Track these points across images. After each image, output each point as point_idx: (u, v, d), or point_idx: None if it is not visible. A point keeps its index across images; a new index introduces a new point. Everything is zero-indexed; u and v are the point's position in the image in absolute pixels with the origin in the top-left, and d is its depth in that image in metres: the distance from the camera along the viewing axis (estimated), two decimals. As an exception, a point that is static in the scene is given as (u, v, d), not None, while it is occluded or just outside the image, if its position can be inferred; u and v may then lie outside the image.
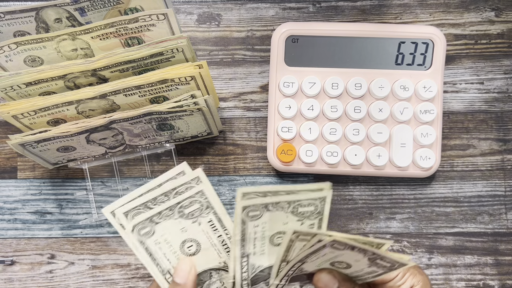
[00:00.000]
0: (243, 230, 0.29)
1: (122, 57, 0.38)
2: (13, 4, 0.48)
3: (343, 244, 0.27)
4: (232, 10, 0.48)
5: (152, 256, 0.31)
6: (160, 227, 0.31)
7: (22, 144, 0.39)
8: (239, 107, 0.48)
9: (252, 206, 0.28)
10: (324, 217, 0.30)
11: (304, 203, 0.29)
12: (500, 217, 0.46)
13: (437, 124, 0.45)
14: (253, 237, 0.30)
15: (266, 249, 0.31)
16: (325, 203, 0.30)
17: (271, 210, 0.29)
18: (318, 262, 0.31)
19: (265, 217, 0.29)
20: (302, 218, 0.30)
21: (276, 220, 0.30)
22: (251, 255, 0.31)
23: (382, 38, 0.44)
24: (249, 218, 0.29)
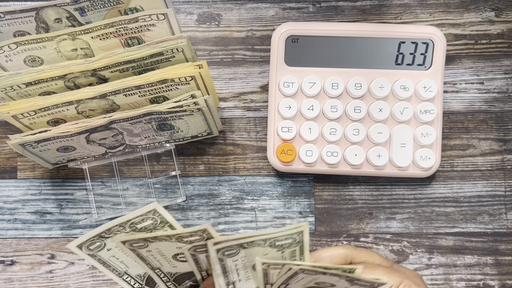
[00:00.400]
0: (223, 265, 0.29)
1: (122, 57, 0.38)
2: (13, 4, 0.48)
3: (313, 271, 0.27)
4: (232, 10, 0.48)
5: (143, 260, 0.31)
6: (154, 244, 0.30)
7: (22, 144, 0.39)
8: (239, 107, 0.48)
9: (227, 247, 0.28)
10: (305, 244, 0.30)
11: (280, 238, 0.29)
12: (500, 217, 0.46)
13: (437, 124, 0.45)
14: (234, 269, 0.30)
15: (250, 274, 0.31)
16: (303, 235, 0.29)
17: (247, 248, 0.29)
18: (301, 283, 0.31)
19: (242, 253, 0.29)
20: (282, 248, 0.30)
21: (255, 253, 0.29)
22: (236, 282, 0.31)
23: (382, 38, 0.44)
24: (226, 256, 0.29)
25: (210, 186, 0.47)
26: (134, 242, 0.30)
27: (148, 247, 0.30)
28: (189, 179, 0.47)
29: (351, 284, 0.28)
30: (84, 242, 0.30)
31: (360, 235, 0.46)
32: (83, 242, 0.30)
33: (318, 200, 0.47)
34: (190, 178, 0.47)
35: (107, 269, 0.31)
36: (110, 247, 0.30)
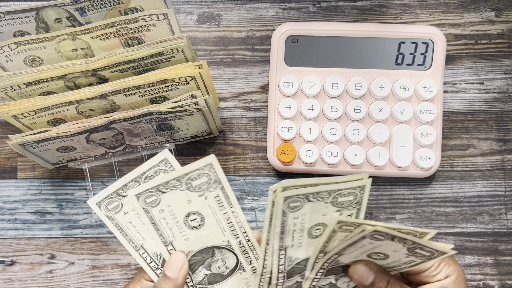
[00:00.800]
0: (283, 222, 0.29)
1: (122, 57, 0.38)
2: (13, 4, 0.48)
3: (383, 235, 0.27)
4: (232, 10, 0.48)
5: (155, 225, 0.31)
6: (166, 197, 0.30)
7: (22, 144, 0.39)
8: (239, 107, 0.48)
9: (294, 196, 0.28)
10: (362, 207, 0.30)
11: (344, 193, 0.29)
12: (500, 217, 0.46)
13: (437, 124, 0.45)
14: (292, 229, 0.30)
15: (303, 242, 0.31)
16: (364, 192, 0.30)
17: (312, 201, 0.29)
18: (355, 254, 0.31)
19: (305, 208, 0.29)
20: (341, 208, 0.30)
21: (316, 211, 0.30)
22: (289, 247, 0.31)
23: (382, 38, 0.44)
24: (289, 210, 0.29)
25: (210, 186, 0.47)
26: (147, 195, 0.29)
27: (160, 204, 0.30)
28: (189, 179, 0.47)
29: (407, 255, 0.29)
30: (103, 200, 0.30)
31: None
32: (102, 200, 0.30)
33: (318, 200, 0.47)
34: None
35: (124, 238, 0.31)
36: (127, 210, 0.30)
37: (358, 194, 0.30)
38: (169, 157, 0.30)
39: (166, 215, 0.31)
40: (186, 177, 0.30)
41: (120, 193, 0.30)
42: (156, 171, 0.30)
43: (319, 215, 0.30)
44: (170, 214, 0.31)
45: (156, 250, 0.32)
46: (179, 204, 0.31)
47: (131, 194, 0.30)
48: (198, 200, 0.31)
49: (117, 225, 0.31)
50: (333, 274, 0.33)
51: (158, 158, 0.30)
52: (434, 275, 0.32)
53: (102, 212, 0.30)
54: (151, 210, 0.30)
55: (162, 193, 0.30)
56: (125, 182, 0.30)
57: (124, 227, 0.31)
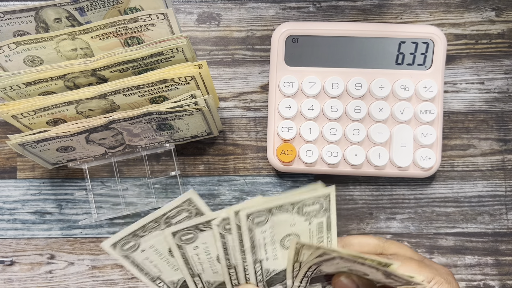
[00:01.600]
0: (252, 237, 0.29)
1: (121, 57, 0.38)
2: (12, 4, 0.48)
3: (351, 260, 0.27)
4: (232, 10, 0.48)
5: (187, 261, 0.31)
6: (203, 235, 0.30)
7: (21, 144, 0.39)
8: (239, 107, 0.47)
9: (256, 212, 0.28)
10: (332, 214, 0.30)
11: (308, 202, 0.29)
12: (500, 217, 0.46)
13: (438, 124, 0.44)
14: (263, 243, 0.30)
15: (278, 253, 0.31)
16: (329, 199, 0.29)
17: (276, 214, 0.29)
18: (335, 267, 0.30)
19: (271, 221, 0.29)
20: (309, 218, 0.30)
21: (283, 222, 0.30)
22: (264, 260, 0.31)
23: (382, 38, 0.44)
24: (255, 225, 0.29)
25: (210, 186, 0.47)
26: (184, 233, 0.29)
27: (196, 242, 0.30)
28: (189, 179, 0.47)
29: (386, 277, 0.28)
30: (119, 241, 0.29)
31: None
32: (117, 241, 0.29)
33: (318, 200, 0.47)
34: (190, 178, 0.47)
35: (140, 272, 0.31)
36: (144, 248, 0.30)
37: (323, 202, 0.29)
38: (194, 197, 0.29)
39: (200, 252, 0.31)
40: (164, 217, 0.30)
41: (137, 234, 0.29)
42: (179, 211, 0.29)
43: (287, 226, 0.30)
44: (204, 252, 0.31)
45: (174, 279, 0.32)
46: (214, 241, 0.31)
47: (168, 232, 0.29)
48: None
49: (133, 263, 0.31)
50: (319, 282, 0.33)
51: (183, 198, 0.29)
52: None
53: (117, 253, 0.29)
54: (186, 248, 0.30)
55: (200, 232, 0.30)
56: (144, 224, 0.29)
57: (140, 263, 0.31)
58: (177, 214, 0.29)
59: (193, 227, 0.29)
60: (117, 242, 0.29)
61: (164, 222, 0.29)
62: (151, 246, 0.30)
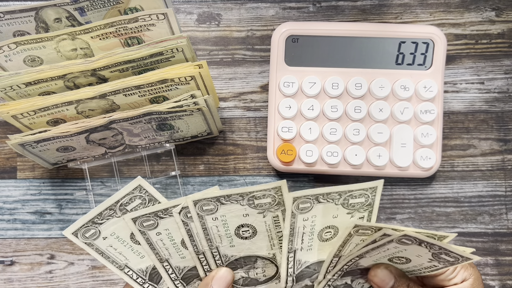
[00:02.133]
0: (292, 224, 0.29)
1: (121, 57, 0.38)
2: (12, 4, 0.48)
3: (412, 239, 0.27)
4: (232, 10, 0.48)
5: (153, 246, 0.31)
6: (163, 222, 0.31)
7: (21, 144, 0.39)
8: (239, 107, 0.47)
9: (303, 197, 0.28)
10: (374, 209, 0.30)
11: (355, 194, 0.29)
12: (500, 217, 0.46)
13: (438, 124, 0.44)
14: (301, 232, 0.30)
15: (313, 245, 0.31)
16: (375, 194, 0.29)
17: (322, 202, 0.29)
18: (376, 257, 0.30)
19: (315, 210, 0.29)
20: (352, 211, 0.30)
21: (326, 213, 0.29)
22: (298, 250, 0.31)
23: (382, 38, 0.44)
24: (299, 211, 0.29)
25: (210, 186, 0.47)
26: (145, 219, 0.30)
27: (158, 227, 0.30)
28: (189, 179, 0.47)
29: (430, 260, 0.28)
30: (79, 229, 0.30)
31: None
32: (78, 229, 0.30)
33: (318, 200, 0.47)
34: (190, 178, 0.47)
35: (107, 260, 0.31)
36: (106, 235, 0.31)
37: (369, 196, 0.29)
38: (143, 184, 0.30)
39: (164, 237, 0.31)
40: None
41: (95, 221, 0.30)
42: (131, 198, 0.30)
43: (329, 217, 0.30)
44: (167, 237, 0.31)
45: (142, 266, 0.32)
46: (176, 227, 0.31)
47: (128, 219, 0.30)
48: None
49: (97, 250, 0.31)
50: (350, 275, 0.33)
51: (132, 186, 0.30)
52: (450, 278, 0.31)
53: (80, 240, 0.30)
54: (149, 233, 0.31)
55: (160, 219, 0.30)
56: (100, 211, 0.30)
57: (105, 250, 0.31)
58: (130, 201, 0.30)
59: (152, 214, 0.30)
60: (77, 230, 0.30)
61: (119, 209, 0.30)
62: (112, 234, 0.31)
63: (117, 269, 0.32)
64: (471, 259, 0.27)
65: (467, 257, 0.27)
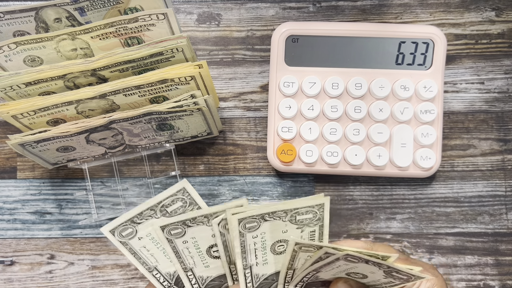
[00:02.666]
0: (242, 242, 0.29)
1: (121, 57, 0.38)
2: (12, 4, 0.48)
3: (357, 258, 0.27)
4: (232, 10, 0.48)
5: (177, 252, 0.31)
6: (192, 230, 0.30)
7: (21, 144, 0.39)
8: (239, 107, 0.47)
9: (248, 218, 0.28)
10: (325, 224, 0.30)
11: (301, 211, 0.29)
12: (500, 217, 0.46)
13: (438, 124, 0.44)
14: (253, 248, 0.30)
15: (268, 258, 0.31)
16: (323, 210, 0.29)
17: (268, 220, 0.29)
18: (333, 272, 0.30)
19: (263, 227, 0.29)
20: (301, 226, 0.30)
21: (275, 229, 0.30)
22: (253, 266, 0.31)
23: (382, 38, 0.44)
24: (246, 230, 0.29)
25: (210, 186, 0.47)
26: (173, 227, 0.29)
27: (185, 236, 0.30)
28: (189, 179, 0.47)
29: (385, 277, 0.28)
30: (117, 227, 0.30)
31: (361, 235, 0.46)
32: (116, 227, 0.30)
33: (318, 200, 0.47)
34: (190, 178, 0.47)
35: (138, 261, 0.31)
36: (142, 236, 0.31)
37: (317, 212, 0.29)
38: (187, 187, 0.30)
39: (190, 246, 0.31)
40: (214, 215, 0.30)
41: (134, 221, 0.30)
42: (173, 200, 0.30)
43: (279, 232, 0.30)
44: (193, 246, 0.31)
45: (170, 270, 0.32)
46: (203, 236, 0.31)
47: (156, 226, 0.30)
48: None
49: (130, 250, 0.31)
50: (313, 287, 0.33)
51: (177, 187, 0.30)
52: None
53: (116, 239, 0.30)
54: (176, 241, 0.31)
55: (188, 227, 0.30)
56: (141, 211, 0.30)
57: (138, 251, 0.31)
58: (172, 203, 0.30)
59: (181, 222, 0.30)
60: (115, 227, 0.30)
61: (159, 210, 0.30)
62: (147, 234, 0.31)
63: (146, 271, 0.32)
64: (424, 277, 0.27)
65: (418, 275, 0.27)
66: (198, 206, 0.31)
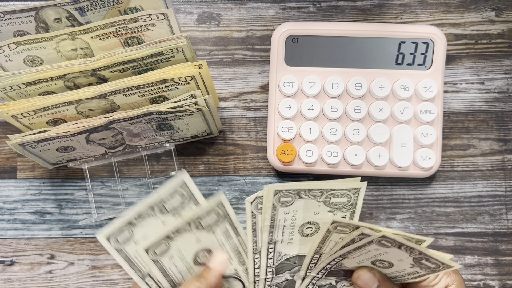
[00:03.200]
0: (273, 216, 0.29)
1: (121, 57, 0.38)
2: (12, 4, 0.48)
3: (391, 241, 0.27)
4: (232, 10, 0.48)
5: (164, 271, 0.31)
6: (175, 243, 0.30)
7: (21, 144, 0.39)
8: (239, 107, 0.47)
9: (285, 191, 0.28)
10: (357, 210, 0.30)
11: (337, 193, 0.29)
12: (500, 217, 0.46)
13: (438, 124, 0.45)
14: (282, 224, 0.30)
15: (294, 238, 0.31)
16: (358, 195, 0.29)
17: (304, 198, 0.28)
18: (359, 259, 0.30)
19: (296, 204, 0.29)
20: (333, 209, 0.30)
21: (307, 208, 0.29)
22: (278, 242, 0.31)
23: (382, 38, 0.44)
24: (280, 204, 0.28)
25: (210, 186, 0.47)
26: (156, 246, 0.29)
27: (170, 250, 0.29)
28: (189, 179, 0.47)
29: (412, 266, 0.28)
30: (113, 233, 0.29)
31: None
32: (112, 233, 0.29)
33: (318, 200, 0.47)
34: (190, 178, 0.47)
35: (132, 268, 0.30)
36: (137, 239, 0.30)
37: (352, 196, 0.29)
38: (187, 180, 0.29)
39: (176, 259, 0.30)
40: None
41: (132, 222, 0.29)
42: (171, 193, 0.29)
43: (310, 213, 0.30)
44: (179, 258, 0.30)
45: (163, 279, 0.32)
46: (188, 244, 0.30)
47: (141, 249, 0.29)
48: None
49: (126, 257, 0.30)
50: (334, 276, 0.33)
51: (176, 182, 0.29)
52: (433, 285, 0.31)
53: (112, 246, 0.29)
54: (162, 260, 0.30)
55: (171, 241, 0.30)
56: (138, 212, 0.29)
57: (133, 257, 0.30)
58: (170, 197, 0.29)
59: (164, 238, 0.29)
60: (112, 233, 0.29)
61: (157, 208, 0.29)
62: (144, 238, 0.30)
63: (139, 278, 0.31)
64: (452, 266, 0.27)
65: (448, 264, 0.27)
66: (197, 202, 0.30)
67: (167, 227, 0.29)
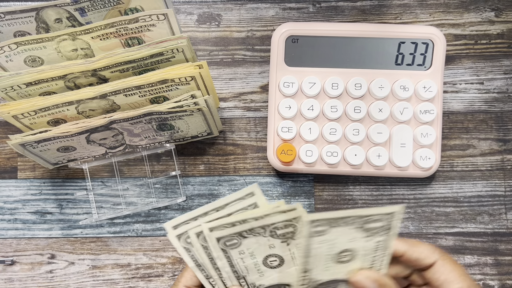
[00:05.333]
0: (307, 246, 0.28)
1: (122, 57, 0.38)
2: (13, 4, 0.48)
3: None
4: (232, 10, 0.48)
5: (233, 265, 0.30)
6: (247, 241, 0.29)
7: (22, 144, 0.39)
8: (239, 107, 0.48)
9: (319, 220, 0.27)
10: (393, 233, 0.29)
11: (373, 218, 0.28)
12: (500, 217, 0.46)
13: (437, 124, 0.45)
14: (318, 253, 0.29)
15: (331, 264, 0.30)
16: (395, 218, 0.28)
17: (336, 227, 0.28)
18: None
19: (330, 233, 0.28)
20: (370, 235, 0.29)
21: (343, 235, 0.28)
22: (313, 269, 0.30)
23: (382, 38, 0.44)
24: (314, 234, 0.28)
25: (210, 186, 0.47)
26: (228, 238, 0.29)
27: (240, 246, 0.29)
28: (189, 179, 0.47)
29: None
30: (184, 233, 0.29)
31: None
32: (183, 233, 0.29)
33: (318, 200, 0.47)
34: (190, 178, 0.47)
35: (198, 268, 0.30)
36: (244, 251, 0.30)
37: (387, 221, 0.28)
38: (257, 192, 0.29)
39: (246, 257, 0.30)
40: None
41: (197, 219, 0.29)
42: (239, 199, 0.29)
43: (346, 240, 0.29)
44: (249, 256, 0.30)
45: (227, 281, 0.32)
46: (260, 246, 0.30)
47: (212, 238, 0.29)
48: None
49: (192, 257, 0.30)
50: None
51: (246, 191, 0.28)
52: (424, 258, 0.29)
53: (181, 244, 0.29)
54: (231, 252, 0.30)
55: (244, 238, 0.29)
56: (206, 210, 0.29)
57: (199, 257, 0.30)
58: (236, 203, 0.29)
59: (236, 234, 0.29)
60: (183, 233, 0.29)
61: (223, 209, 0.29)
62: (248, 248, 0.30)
63: (203, 278, 0.30)
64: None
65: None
66: None
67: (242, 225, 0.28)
